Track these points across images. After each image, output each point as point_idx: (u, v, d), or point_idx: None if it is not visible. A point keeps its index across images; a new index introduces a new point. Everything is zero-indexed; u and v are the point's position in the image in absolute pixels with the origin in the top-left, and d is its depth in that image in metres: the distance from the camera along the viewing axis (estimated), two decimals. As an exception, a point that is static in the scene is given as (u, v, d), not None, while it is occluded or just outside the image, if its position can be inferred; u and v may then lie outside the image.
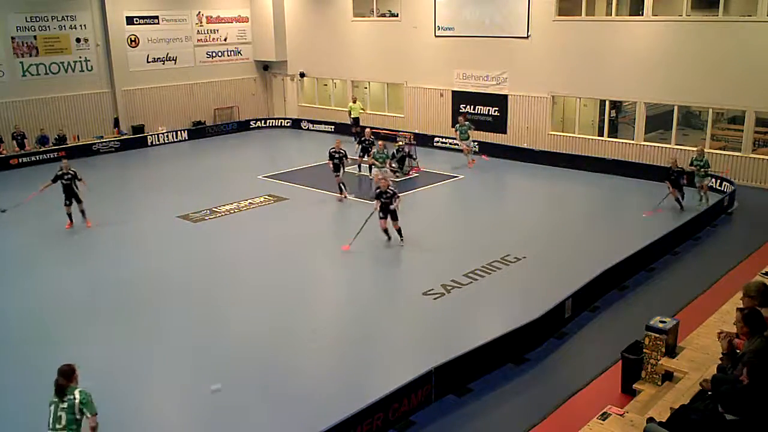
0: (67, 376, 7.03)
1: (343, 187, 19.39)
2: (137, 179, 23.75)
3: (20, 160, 25.12)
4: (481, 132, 25.33)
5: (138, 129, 29.03)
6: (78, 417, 7.00)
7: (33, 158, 25.33)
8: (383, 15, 28.76)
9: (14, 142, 25.66)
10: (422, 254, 15.11)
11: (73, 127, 27.48)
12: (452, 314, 11.98)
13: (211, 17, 31.34)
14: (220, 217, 18.09)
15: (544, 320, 10.67)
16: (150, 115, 29.49)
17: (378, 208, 15.12)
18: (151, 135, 28.93)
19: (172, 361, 10.72)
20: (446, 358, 9.34)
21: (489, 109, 25.58)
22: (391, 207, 15.09)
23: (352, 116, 27.50)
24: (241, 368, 10.36)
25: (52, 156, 25.52)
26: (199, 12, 30.94)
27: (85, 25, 27.72)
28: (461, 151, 23.37)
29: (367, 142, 21.43)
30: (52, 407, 7.00)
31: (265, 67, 33.48)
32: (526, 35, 23.90)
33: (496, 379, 9.79)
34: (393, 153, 22.05)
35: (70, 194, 17.08)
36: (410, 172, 22.23)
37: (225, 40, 32.03)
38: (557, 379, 9.82)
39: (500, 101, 25.17)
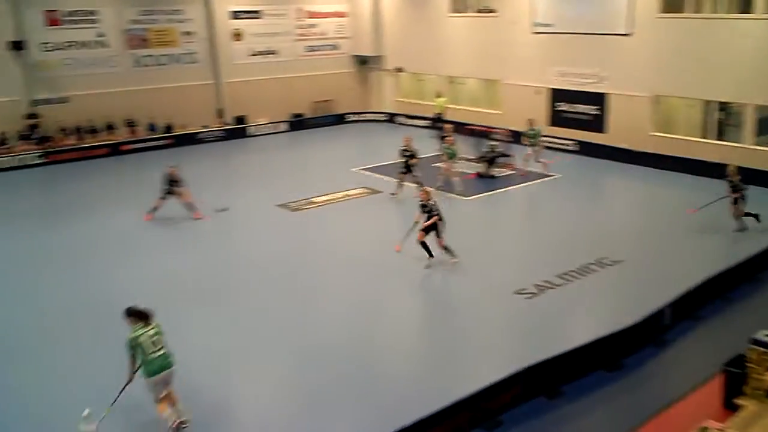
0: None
1: (402, 184, 19.07)
2: (239, 168, 24.66)
3: (131, 146, 26.55)
4: (578, 131, 24.87)
5: (240, 120, 30.12)
6: None
7: (142, 145, 26.71)
8: (480, 10, 28.59)
9: (127, 128, 27.14)
10: (515, 252, 15.04)
11: (180, 117, 28.77)
12: (544, 315, 11.89)
13: (311, 12, 32.09)
14: (316, 207, 18.58)
15: (641, 326, 10.43)
16: (251, 106, 30.49)
17: (419, 220, 14.18)
18: (253, 126, 29.95)
19: (264, 343, 11.14)
20: (537, 359, 9.29)
21: (587, 108, 25.04)
22: (429, 221, 13.96)
23: (436, 112, 27.55)
24: (331, 356, 10.62)
25: (160, 143, 26.89)
26: (300, 7, 31.71)
27: (192, 19, 28.94)
28: (558, 149, 22.95)
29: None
30: (143, 337, 7.96)
31: (362, 61, 33.94)
32: (627, 32, 23.21)
33: (588, 384, 9.65)
34: (483, 152, 21.94)
35: (170, 194, 17.65)
36: (505, 170, 22.03)
37: (324, 34, 32.70)
38: (653, 389, 9.59)
39: (599, 100, 24.58)
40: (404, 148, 19.18)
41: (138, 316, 8.13)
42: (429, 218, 13.98)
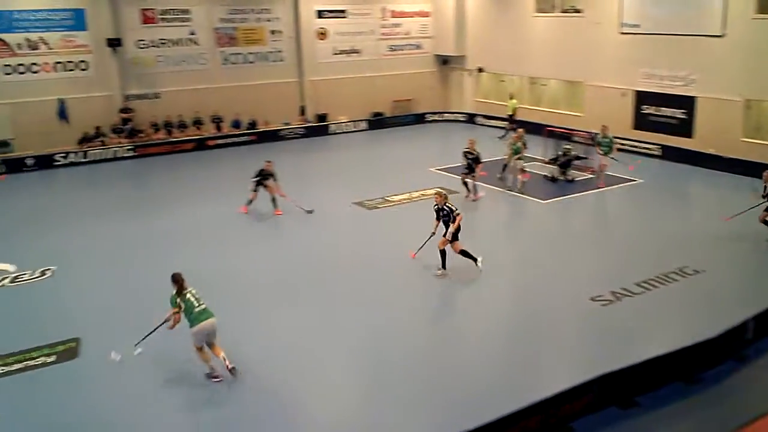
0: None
1: (470, 187, 19.21)
2: (319, 165, 25.13)
3: (216, 142, 27.48)
4: (664, 135, 24.19)
5: (321, 117, 30.73)
6: None
7: (227, 140, 27.61)
8: (566, 11, 28.16)
9: (213, 124, 28.13)
10: (592, 258, 14.82)
11: (263, 113, 29.59)
12: (621, 323, 11.69)
13: (395, 11, 32.37)
14: (392, 206, 18.80)
15: (722, 339, 10.13)
16: (333, 104, 31.07)
17: (434, 230, 13.79)
18: (333, 124, 30.48)
19: (340, 337, 11.39)
20: (612, 368, 9.17)
21: (673, 111, 24.31)
22: (450, 228, 13.38)
23: (508, 113, 27.63)
24: (403, 353, 10.79)
25: (243, 140, 27.75)
26: (384, 6, 32.04)
27: (279, 18, 29.69)
28: (641, 153, 22.35)
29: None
30: (188, 295, 9.89)
31: (444, 61, 33.99)
32: (720, 33, 22.39)
33: (664, 396, 9.46)
34: (557, 155, 21.63)
35: (261, 186, 18.28)
36: (585, 173, 21.67)
37: (407, 34, 32.96)
38: (733, 405, 9.32)
39: (687, 103, 23.81)
40: (467, 150, 19.20)
41: (180, 280, 9.99)
42: (447, 223, 13.42)
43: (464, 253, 13.65)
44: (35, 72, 25.13)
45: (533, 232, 16.90)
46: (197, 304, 9.91)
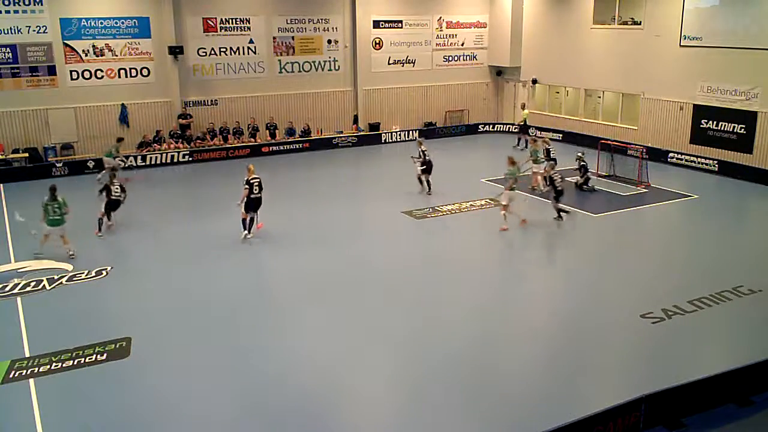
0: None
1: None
2: (369, 173, 25.32)
3: (271, 149, 27.95)
4: (722, 150, 23.64)
5: (374, 126, 30.95)
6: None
7: (281, 147, 28.06)
8: (625, 23, 27.77)
9: (267, 131, 28.62)
10: (643, 274, 14.53)
11: (317, 121, 29.98)
12: (671, 342, 11.45)
13: (451, 22, 32.46)
14: (440, 216, 18.80)
15: (776, 362, 9.87)
16: (386, 113, 31.29)
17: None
18: (385, 133, 30.67)
19: (380, 343, 11.45)
20: (660, 387, 9.02)
21: (734, 126, 23.70)
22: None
23: (519, 122, 28.96)
24: (446, 363, 10.79)
25: (297, 147, 28.16)
26: (440, 17, 32.16)
27: (336, 28, 30.09)
28: (697, 168, 21.86)
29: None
30: (50, 206, 15.17)
31: (498, 72, 33.89)
32: (786, 48, 21.81)
33: (715, 419, 9.23)
34: (580, 166, 21.43)
35: None
36: (638, 188, 21.33)
37: (462, 44, 32.98)
38: (786, 429, 9.07)
39: (748, 118, 23.20)
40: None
41: (53, 191, 15.33)
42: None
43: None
44: (100, 78, 26.03)
45: (584, 246, 16.68)
46: (53, 214, 15.18)
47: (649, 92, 26.59)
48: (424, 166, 20.94)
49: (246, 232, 16.77)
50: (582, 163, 21.33)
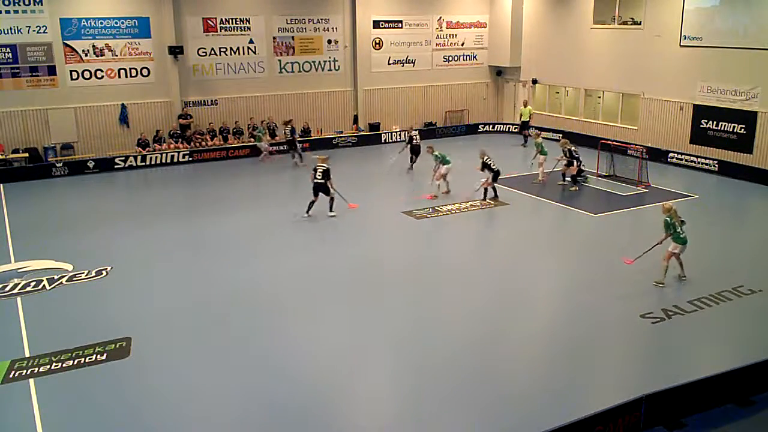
0: None
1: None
2: (369, 173, 25.30)
3: (270, 149, 27.89)
4: (722, 150, 23.64)
5: (374, 126, 30.96)
6: None
7: (281, 147, 28.02)
8: (625, 23, 27.77)
9: (266, 131, 28.59)
10: (643, 274, 14.51)
11: (317, 121, 29.97)
12: (671, 342, 11.45)
13: (451, 22, 32.48)
14: (440, 216, 18.80)
15: (776, 363, 9.87)
16: (385, 113, 31.30)
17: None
18: (385, 133, 30.67)
19: (381, 342, 11.48)
20: (660, 387, 9.02)
21: (734, 126, 23.71)
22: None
23: (522, 119, 29.32)
24: (446, 362, 10.79)
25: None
26: (440, 17, 32.17)
27: (336, 28, 30.09)
28: (697, 168, 21.88)
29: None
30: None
31: (498, 72, 33.90)
32: (786, 48, 21.81)
33: (714, 419, 9.23)
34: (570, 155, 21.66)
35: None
36: (639, 188, 21.33)
37: (462, 44, 32.99)
38: (786, 429, 9.07)
39: (748, 118, 23.21)
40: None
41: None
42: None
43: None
44: (100, 78, 26.02)
45: (583, 245, 16.68)
46: None
47: (649, 92, 26.59)
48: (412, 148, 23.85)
49: (306, 214, 18.48)
50: (572, 151, 21.54)
